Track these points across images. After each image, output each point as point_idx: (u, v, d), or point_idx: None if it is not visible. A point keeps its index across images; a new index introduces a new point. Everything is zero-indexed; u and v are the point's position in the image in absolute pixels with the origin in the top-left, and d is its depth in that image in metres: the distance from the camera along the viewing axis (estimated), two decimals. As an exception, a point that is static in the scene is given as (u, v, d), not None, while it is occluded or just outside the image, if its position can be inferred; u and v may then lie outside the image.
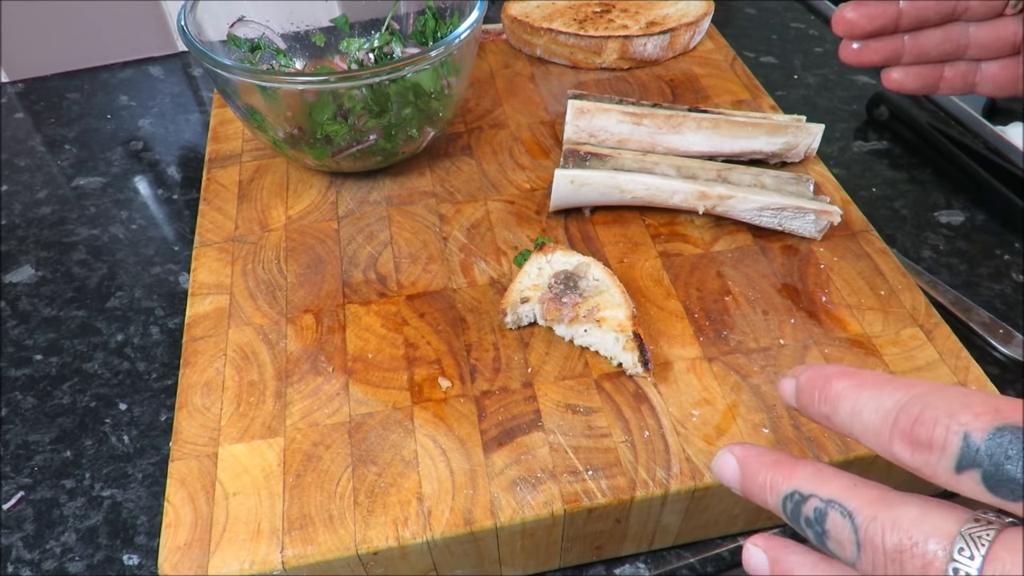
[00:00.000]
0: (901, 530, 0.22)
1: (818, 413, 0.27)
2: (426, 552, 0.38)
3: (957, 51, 0.40)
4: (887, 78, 0.42)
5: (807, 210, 0.50)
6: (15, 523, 0.47)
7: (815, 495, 0.25)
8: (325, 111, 0.52)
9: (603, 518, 0.40)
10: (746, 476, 0.28)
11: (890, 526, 0.22)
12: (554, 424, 0.42)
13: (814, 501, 0.25)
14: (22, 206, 0.68)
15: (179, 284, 0.61)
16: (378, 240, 0.53)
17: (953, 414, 0.22)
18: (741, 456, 0.29)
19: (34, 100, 0.80)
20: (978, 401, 0.22)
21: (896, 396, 0.24)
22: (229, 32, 0.58)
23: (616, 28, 0.68)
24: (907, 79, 0.42)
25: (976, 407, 0.22)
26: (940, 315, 0.47)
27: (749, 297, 0.48)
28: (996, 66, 0.40)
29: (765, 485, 0.27)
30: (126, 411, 0.52)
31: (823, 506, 0.25)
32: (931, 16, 0.39)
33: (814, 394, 0.27)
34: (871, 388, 0.25)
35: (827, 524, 0.24)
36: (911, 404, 0.23)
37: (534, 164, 0.59)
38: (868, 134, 0.72)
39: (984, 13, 0.39)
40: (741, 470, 0.29)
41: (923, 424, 0.22)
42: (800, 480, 0.26)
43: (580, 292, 0.46)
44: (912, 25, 0.40)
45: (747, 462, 0.28)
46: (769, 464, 0.28)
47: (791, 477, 0.26)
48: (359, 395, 0.44)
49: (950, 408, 0.22)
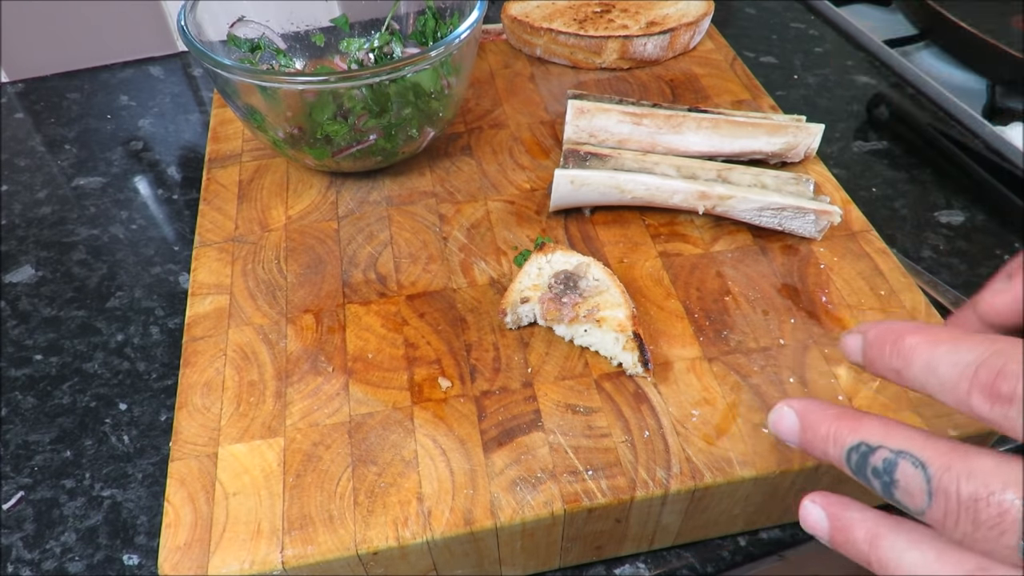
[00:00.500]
0: (976, 479, 0.22)
1: (888, 367, 0.27)
2: (426, 552, 0.38)
3: None
4: None
5: (807, 210, 0.50)
6: (15, 523, 0.47)
7: (884, 446, 0.25)
8: (325, 111, 0.52)
9: (603, 518, 0.40)
10: (806, 428, 0.28)
11: (965, 475, 0.23)
12: (554, 424, 0.42)
13: (883, 452, 0.25)
14: (22, 206, 0.68)
15: (179, 284, 0.61)
16: (378, 240, 0.53)
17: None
18: (801, 409, 0.28)
19: (34, 100, 0.80)
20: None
21: (977, 351, 0.24)
22: (229, 32, 0.58)
23: (616, 28, 0.68)
24: None
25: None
26: (940, 315, 0.47)
27: (749, 297, 0.48)
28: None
29: (828, 437, 0.27)
30: (126, 411, 0.52)
31: (893, 456, 0.25)
32: None
33: (884, 348, 0.27)
34: (948, 343, 0.25)
35: (897, 474, 0.24)
36: (992, 359, 0.23)
37: (534, 164, 0.59)
38: (868, 134, 0.72)
39: None
40: (801, 422, 0.28)
41: (1005, 378, 0.22)
42: (867, 432, 0.26)
43: (580, 292, 0.46)
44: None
45: (808, 414, 0.28)
46: (832, 416, 0.27)
47: (857, 429, 0.26)
48: (359, 395, 0.44)
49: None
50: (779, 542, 0.46)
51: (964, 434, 0.41)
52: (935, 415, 0.41)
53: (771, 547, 0.46)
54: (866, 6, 0.91)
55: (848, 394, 0.43)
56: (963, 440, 0.41)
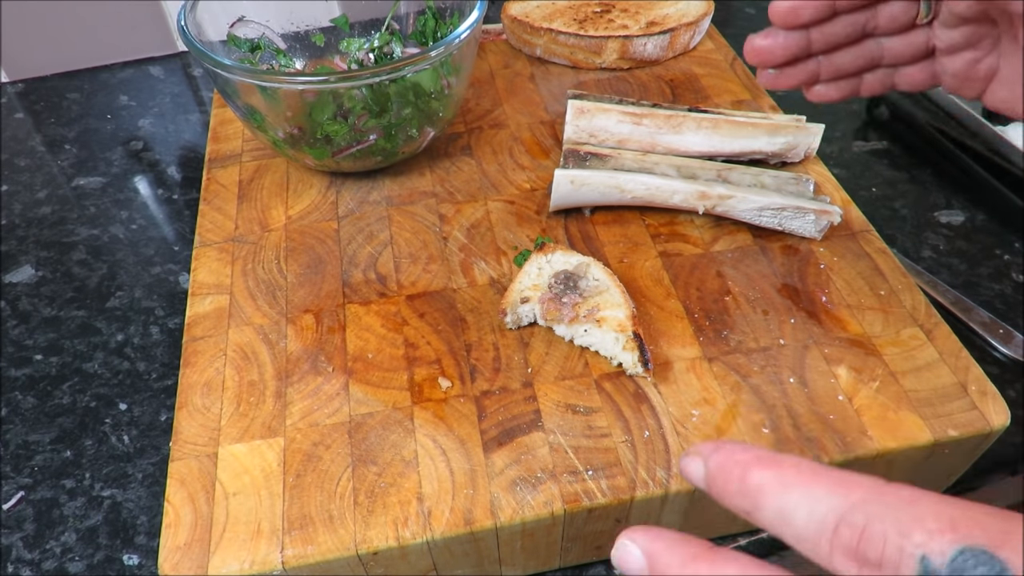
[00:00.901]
0: None
1: (736, 506, 0.24)
2: (426, 552, 0.38)
3: (872, 62, 0.41)
4: (810, 93, 0.42)
5: (807, 210, 0.50)
6: (15, 523, 0.47)
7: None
8: (325, 111, 0.52)
9: (603, 518, 0.40)
10: (655, 572, 0.24)
11: None
12: (554, 424, 0.42)
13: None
14: (22, 206, 0.68)
15: (179, 284, 0.61)
16: (378, 240, 0.53)
17: (905, 530, 0.19)
18: (646, 547, 0.24)
19: (34, 100, 0.80)
20: (930, 513, 0.19)
21: (831, 501, 0.21)
22: (229, 32, 0.58)
23: (616, 28, 0.68)
24: (828, 92, 0.42)
25: (929, 522, 0.19)
26: (940, 315, 0.47)
27: (749, 297, 0.48)
28: (913, 69, 0.41)
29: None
30: (126, 411, 0.52)
31: None
32: (841, 39, 0.39)
33: (729, 484, 0.24)
34: (798, 487, 0.22)
35: None
36: (852, 514, 0.20)
37: (534, 164, 0.59)
38: (868, 134, 0.72)
39: (894, 28, 0.39)
40: (649, 564, 0.24)
41: (870, 540, 0.20)
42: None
43: (580, 292, 0.46)
44: (824, 48, 0.40)
45: (655, 555, 0.24)
46: (683, 559, 0.23)
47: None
48: (359, 395, 0.44)
49: (899, 521, 0.20)
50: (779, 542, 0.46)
51: (965, 434, 0.41)
52: (935, 415, 0.41)
53: (771, 547, 0.46)
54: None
55: (848, 394, 0.43)
56: (965, 440, 0.41)
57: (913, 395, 0.42)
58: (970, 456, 0.44)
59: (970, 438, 0.41)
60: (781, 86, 0.41)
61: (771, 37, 0.39)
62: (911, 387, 0.43)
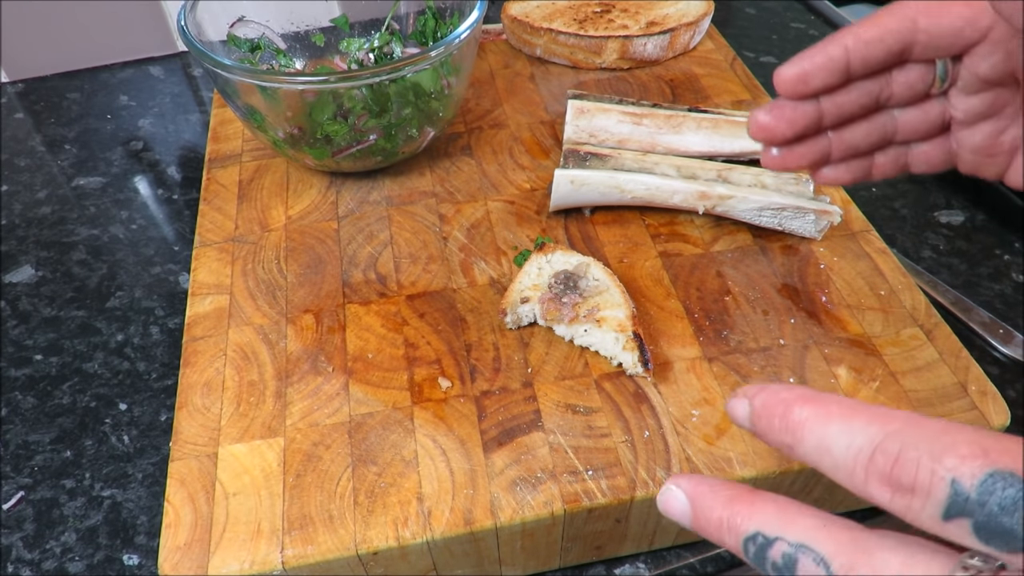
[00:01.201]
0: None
1: (778, 442, 0.25)
2: (426, 552, 0.38)
3: (886, 138, 0.37)
4: (819, 177, 0.38)
5: (807, 210, 0.50)
6: (15, 523, 0.47)
7: (782, 537, 0.23)
8: (325, 111, 0.52)
9: (603, 518, 0.40)
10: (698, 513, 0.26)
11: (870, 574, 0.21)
12: (554, 424, 0.42)
13: (782, 545, 0.23)
14: (22, 206, 0.68)
15: (179, 284, 0.61)
16: (378, 240, 0.53)
17: (937, 456, 0.20)
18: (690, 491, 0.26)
19: (34, 100, 0.80)
20: (963, 440, 0.20)
21: (869, 431, 0.22)
22: (229, 32, 0.58)
23: (616, 28, 0.68)
24: (838, 174, 0.38)
25: (962, 448, 0.20)
26: (940, 315, 0.47)
27: (749, 297, 0.48)
28: (927, 146, 0.37)
29: (722, 524, 0.25)
30: (126, 411, 0.52)
31: (792, 551, 0.23)
32: (855, 109, 0.35)
33: (773, 420, 0.25)
34: (839, 419, 0.23)
35: (798, 571, 0.22)
36: (888, 442, 0.21)
37: (534, 164, 0.59)
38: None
39: (909, 98, 0.35)
40: (692, 506, 0.26)
41: (903, 466, 0.21)
42: (763, 519, 0.24)
43: (580, 292, 0.46)
44: (836, 122, 0.36)
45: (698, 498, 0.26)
46: (725, 500, 0.25)
47: (752, 515, 0.24)
48: (359, 395, 0.44)
49: (932, 449, 0.20)
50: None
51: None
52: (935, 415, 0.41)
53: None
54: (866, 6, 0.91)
55: (848, 394, 0.43)
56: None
57: (913, 395, 0.42)
58: (970, 456, 0.44)
59: (970, 438, 0.41)
60: (789, 167, 0.37)
61: (777, 110, 0.35)
62: (911, 387, 0.43)
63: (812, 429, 0.23)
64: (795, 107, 0.35)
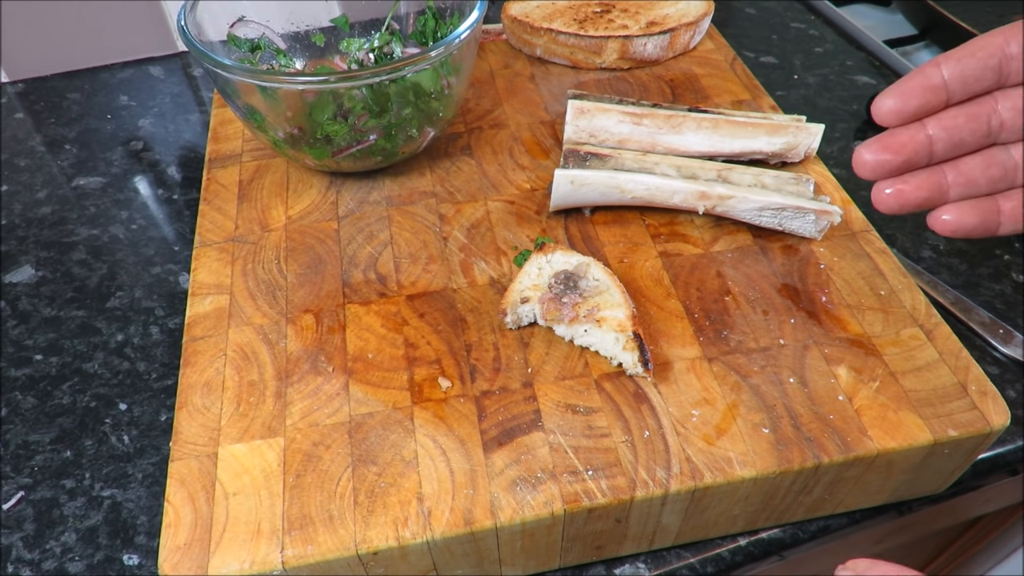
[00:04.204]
0: None
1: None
2: (426, 552, 0.38)
3: (1007, 176, 0.34)
4: (937, 222, 0.35)
5: (807, 210, 0.50)
6: (15, 523, 0.47)
7: None
8: (325, 111, 0.52)
9: (603, 518, 0.40)
10: None
11: None
12: (554, 424, 0.42)
13: None
14: (22, 206, 0.68)
15: (179, 284, 0.61)
16: (378, 240, 0.53)
17: None
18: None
19: (34, 100, 0.80)
20: None
21: None
22: (229, 32, 0.58)
23: (616, 28, 0.68)
24: (963, 216, 0.34)
25: None
26: (940, 315, 0.47)
27: (749, 297, 0.48)
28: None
29: None
30: (126, 411, 0.52)
31: None
32: (966, 136, 0.33)
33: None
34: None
35: None
36: None
37: (534, 164, 0.59)
38: (868, 134, 0.72)
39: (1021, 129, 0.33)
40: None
41: None
42: None
43: (580, 292, 0.46)
44: (948, 150, 0.33)
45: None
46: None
47: None
48: (359, 395, 0.44)
49: None
50: (779, 542, 0.46)
51: (965, 434, 0.41)
52: (935, 415, 0.41)
53: (771, 547, 0.46)
54: (866, 6, 0.91)
55: (848, 394, 0.43)
56: (965, 440, 0.41)
57: (913, 395, 0.42)
58: (970, 456, 0.44)
59: (970, 438, 0.41)
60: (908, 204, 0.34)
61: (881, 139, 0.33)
62: (911, 387, 0.43)
63: None
64: (900, 133, 0.33)
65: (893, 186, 0.34)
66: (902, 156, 0.33)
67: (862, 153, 0.33)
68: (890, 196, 0.34)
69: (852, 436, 0.41)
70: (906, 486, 0.45)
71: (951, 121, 0.33)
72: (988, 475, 0.51)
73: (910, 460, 0.42)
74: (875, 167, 0.33)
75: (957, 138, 0.33)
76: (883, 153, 0.33)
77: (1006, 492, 0.57)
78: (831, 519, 0.47)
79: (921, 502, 0.49)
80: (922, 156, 0.33)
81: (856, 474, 0.42)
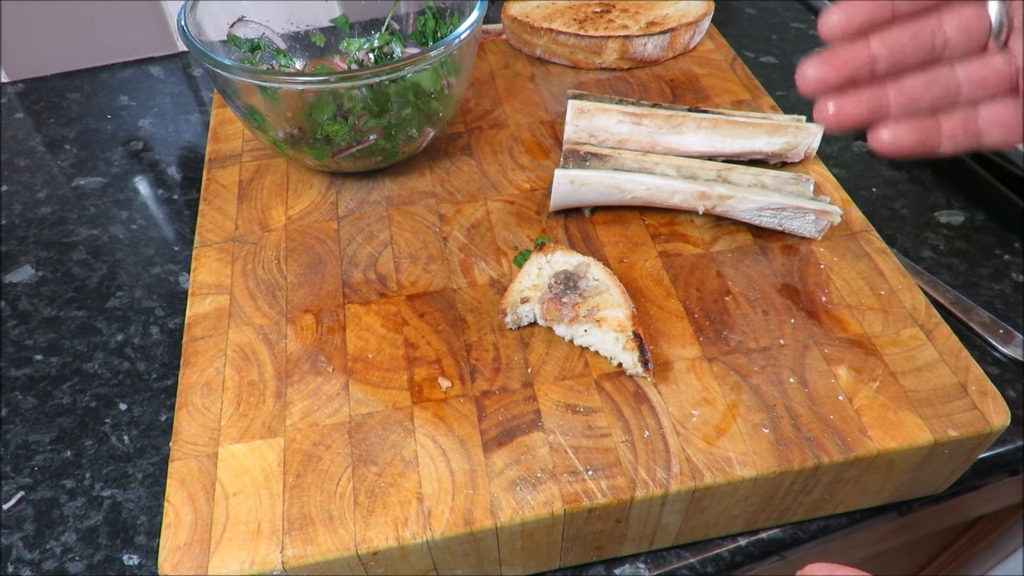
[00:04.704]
0: None
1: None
2: (426, 552, 0.38)
3: (949, 94, 0.34)
4: (877, 140, 0.34)
5: (807, 210, 0.50)
6: (15, 523, 0.47)
7: None
8: (325, 111, 0.52)
9: (603, 518, 0.40)
10: None
11: None
12: (554, 424, 0.42)
13: None
14: (22, 206, 0.68)
15: (179, 284, 0.61)
16: (378, 240, 0.53)
17: None
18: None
19: (34, 100, 0.80)
20: None
21: None
22: (229, 32, 0.58)
23: (616, 28, 0.68)
24: (901, 136, 0.34)
25: None
26: (940, 315, 0.47)
27: (749, 297, 0.48)
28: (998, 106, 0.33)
29: None
30: (126, 411, 0.52)
31: None
32: (909, 54, 0.33)
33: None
34: None
35: None
36: None
37: (534, 164, 0.59)
38: (868, 134, 0.72)
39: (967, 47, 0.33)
40: None
41: None
42: None
43: (580, 292, 0.46)
44: (890, 67, 0.33)
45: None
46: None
47: None
48: (359, 395, 0.44)
49: None
50: (779, 542, 0.46)
51: (965, 434, 0.41)
52: (935, 415, 0.41)
53: (771, 547, 0.46)
54: (866, 6, 0.91)
55: (848, 394, 0.43)
56: (965, 440, 0.41)
57: (913, 395, 0.42)
58: (970, 456, 0.44)
59: (970, 438, 0.41)
60: (847, 120, 0.34)
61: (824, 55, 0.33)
62: (911, 387, 0.43)
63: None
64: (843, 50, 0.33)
65: (834, 102, 0.34)
66: (844, 73, 0.33)
67: (804, 69, 0.33)
68: (832, 115, 0.34)
69: (852, 436, 0.41)
70: (906, 486, 0.45)
71: (894, 39, 0.33)
72: (988, 475, 0.51)
73: (910, 460, 0.42)
74: (816, 83, 0.34)
75: (900, 56, 0.33)
76: (825, 69, 0.33)
77: (1006, 492, 0.57)
78: (831, 519, 0.47)
79: (921, 502, 0.49)
80: (864, 73, 0.33)
81: (856, 474, 0.42)
